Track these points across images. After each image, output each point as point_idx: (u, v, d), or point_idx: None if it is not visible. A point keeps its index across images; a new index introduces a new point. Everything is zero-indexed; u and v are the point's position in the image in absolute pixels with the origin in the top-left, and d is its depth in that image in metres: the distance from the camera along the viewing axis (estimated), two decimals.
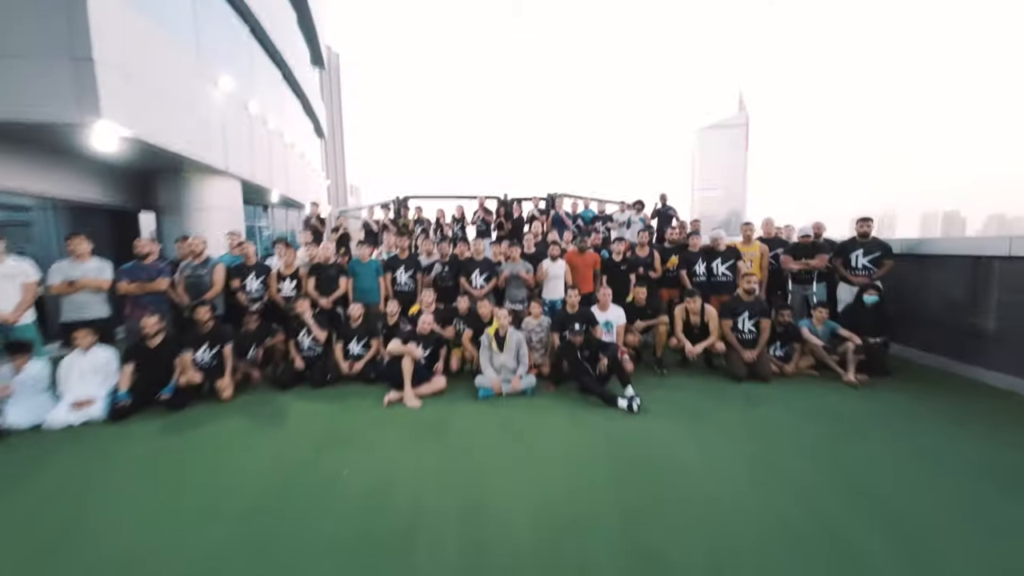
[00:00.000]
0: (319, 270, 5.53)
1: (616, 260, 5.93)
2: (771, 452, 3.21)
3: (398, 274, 5.76)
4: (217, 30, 8.69)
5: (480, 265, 5.76)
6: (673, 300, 6.07)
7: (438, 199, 9.82)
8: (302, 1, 14.99)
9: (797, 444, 3.35)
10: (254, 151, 9.91)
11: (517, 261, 5.73)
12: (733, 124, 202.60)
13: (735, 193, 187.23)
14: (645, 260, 5.98)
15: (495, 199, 9.61)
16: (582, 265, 5.92)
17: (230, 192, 9.20)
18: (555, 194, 9.28)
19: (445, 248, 5.82)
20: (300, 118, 15.99)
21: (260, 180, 10.33)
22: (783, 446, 3.31)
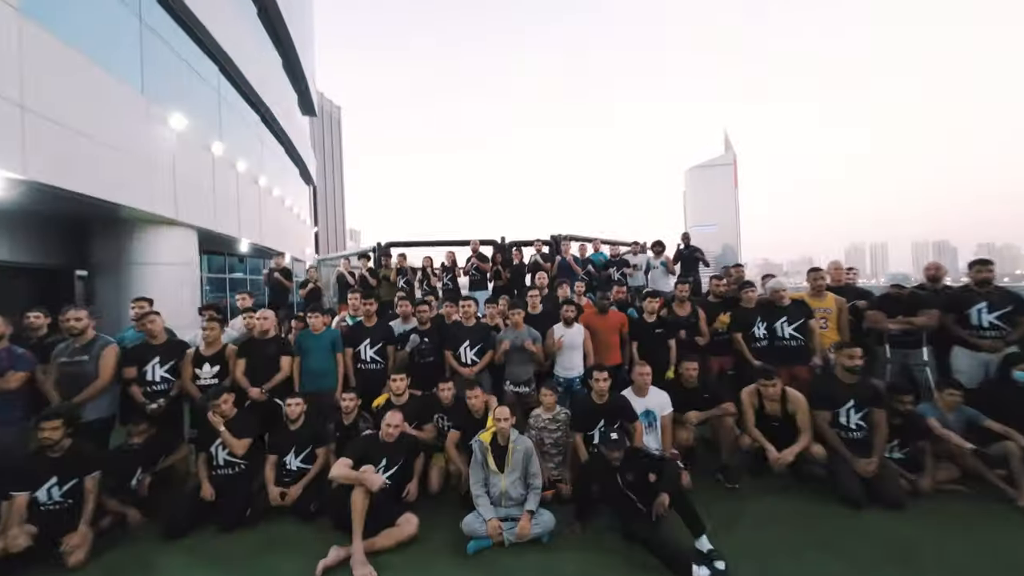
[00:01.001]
0: (252, 348, 4.10)
1: (649, 321, 4.53)
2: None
3: (362, 349, 4.33)
4: (171, 64, 7.76)
5: (471, 333, 4.36)
6: (725, 371, 4.63)
7: (425, 246, 8.57)
8: (289, 47, 14.56)
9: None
10: (217, 197, 8.75)
11: (520, 327, 4.32)
12: (721, 163, 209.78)
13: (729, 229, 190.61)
14: (687, 320, 4.60)
15: (491, 243, 8.37)
16: (605, 329, 4.52)
17: (182, 244, 7.93)
18: (560, 236, 8.05)
19: (425, 311, 4.43)
20: (283, 163, 15.15)
21: (225, 229, 9.12)
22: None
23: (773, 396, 3.54)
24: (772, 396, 3.55)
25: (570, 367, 4.33)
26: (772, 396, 3.55)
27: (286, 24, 13.41)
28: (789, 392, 3.57)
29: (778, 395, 3.54)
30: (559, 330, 4.38)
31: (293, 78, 15.89)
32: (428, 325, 4.47)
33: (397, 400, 3.82)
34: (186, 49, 8.25)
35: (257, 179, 11.07)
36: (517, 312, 4.29)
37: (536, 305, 4.80)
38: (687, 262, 7.51)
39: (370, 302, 4.39)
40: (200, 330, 4.18)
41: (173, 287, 7.63)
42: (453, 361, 4.31)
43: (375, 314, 4.52)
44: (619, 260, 7.64)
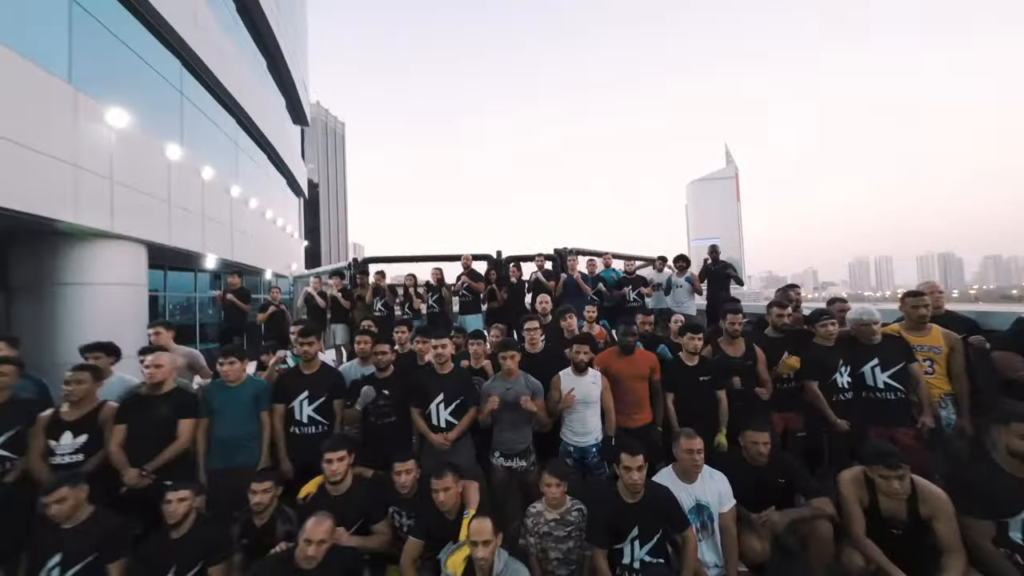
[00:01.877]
0: (138, 408, 2.92)
1: (689, 364, 3.34)
2: None
3: (297, 405, 3.15)
4: (111, 49, 6.74)
5: (446, 383, 3.17)
6: (790, 433, 3.41)
7: (409, 262, 7.45)
8: (275, 49, 13.74)
9: None
10: (174, 207, 7.68)
11: (514, 375, 3.14)
12: (723, 177, 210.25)
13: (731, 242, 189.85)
14: (741, 363, 3.40)
15: (486, 258, 7.24)
16: (630, 376, 3.32)
17: (126, 261, 6.83)
18: (566, 250, 6.91)
19: (383, 353, 3.23)
20: (266, 172, 14.18)
21: (183, 243, 8.02)
22: None
23: (897, 492, 2.32)
24: (896, 492, 2.32)
25: (583, 431, 3.13)
26: (896, 492, 2.32)
27: (271, 25, 12.61)
28: (922, 486, 2.34)
29: (906, 491, 2.32)
30: (568, 379, 3.18)
31: (280, 84, 15.07)
32: (389, 371, 3.29)
33: (334, 489, 2.62)
34: (136, 39, 7.27)
35: (229, 188, 10.05)
36: (510, 355, 3.10)
37: (536, 341, 3.61)
38: (716, 280, 6.33)
39: (309, 340, 3.20)
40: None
41: (113, 310, 6.49)
42: (421, 423, 3.12)
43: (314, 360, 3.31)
44: (635, 278, 6.48)
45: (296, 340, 3.24)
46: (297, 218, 19.37)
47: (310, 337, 3.22)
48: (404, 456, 2.63)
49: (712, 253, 6.42)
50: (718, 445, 3.14)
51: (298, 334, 3.26)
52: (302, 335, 3.23)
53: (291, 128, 18.12)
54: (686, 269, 6.34)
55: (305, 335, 3.22)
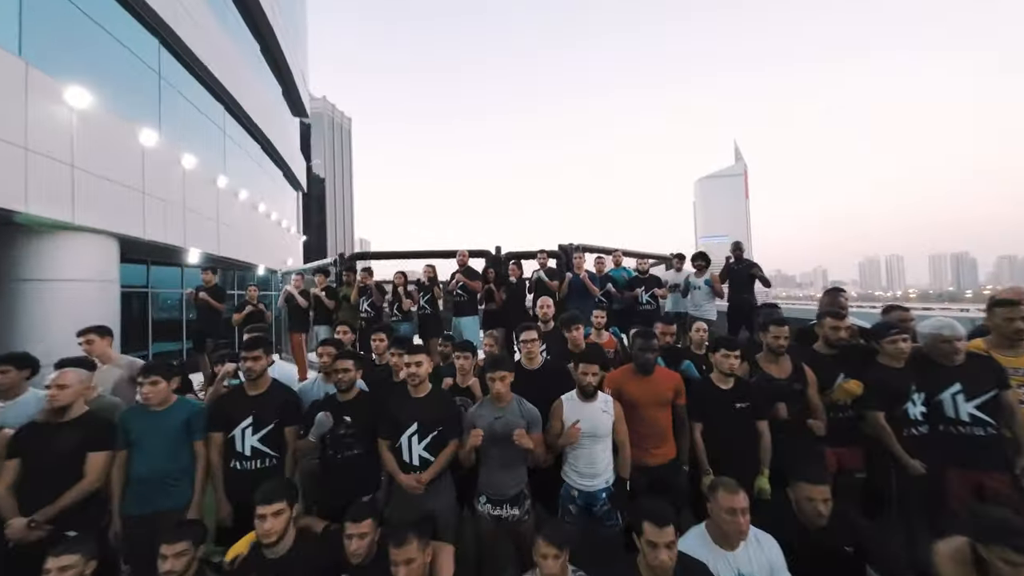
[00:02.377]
0: (38, 437, 2.35)
1: (723, 387, 2.70)
2: None
3: (238, 434, 2.56)
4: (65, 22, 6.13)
5: (421, 408, 2.56)
6: (846, 473, 2.77)
7: (401, 258, 6.85)
8: (269, 36, 13.16)
9: None
10: (149, 198, 7.14)
11: (505, 400, 2.52)
12: (732, 174, 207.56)
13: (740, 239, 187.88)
14: (787, 386, 2.76)
15: (484, 255, 6.64)
16: (649, 401, 2.69)
17: (93, 255, 6.29)
18: (572, 247, 6.28)
19: (346, 371, 2.62)
20: (259, 164, 13.62)
21: (162, 237, 7.49)
22: None
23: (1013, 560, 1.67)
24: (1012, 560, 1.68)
25: (591, 472, 2.50)
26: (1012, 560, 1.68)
27: (263, 8, 12.01)
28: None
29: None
30: (572, 405, 2.57)
31: (276, 72, 14.48)
32: (353, 392, 2.68)
33: (271, 551, 2.03)
34: (105, 13, 6.67)
35: (215, 179, 9.50)
36: (499, 377, 2.48)
37: (534, 355, 2.99)
38: (739, 281, 5.66)
39: (255, 355, 2.60)
40: None
41: (79, 308, 5.96)
42: (390, 460, 2.52)
43: (261, 385, 2.70)
44: (649, 278, 5.83)
45: (249, 353, 2.64)
46: (295, 212, 18.85)
47: (256, 350, 2.62)
48: (357, 514, 2.03)
49: (735, 251, 5.75)
50: (760, 491, 2.52)
51: (244, 347, 2.66)
52: (247, 347, 2.63)
53: (289, 119, 17.56)
54: (706, 269, 5.69)
55: (251, 347, 2.62)
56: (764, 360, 2.88)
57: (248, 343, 2.65)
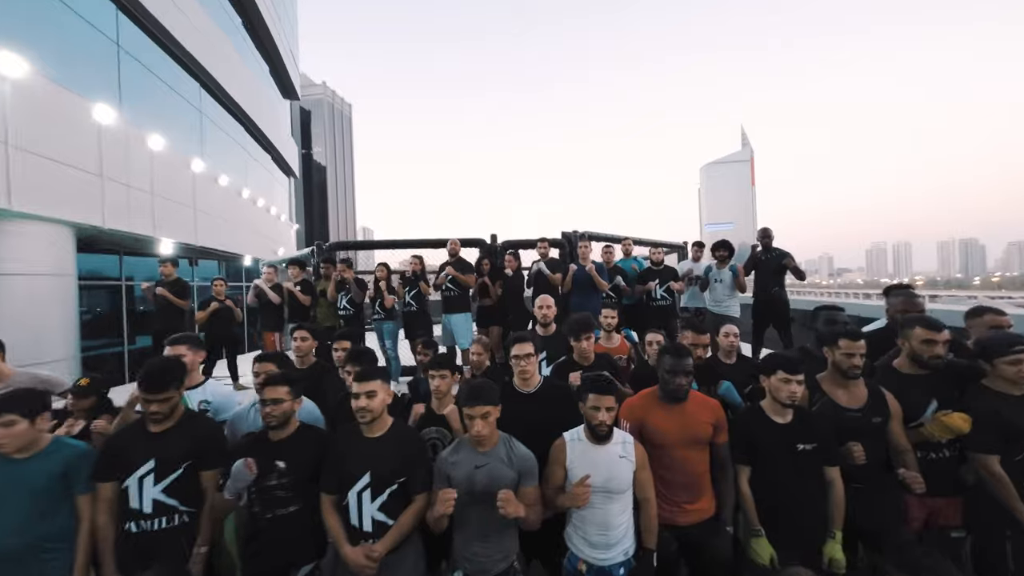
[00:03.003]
0: None
1: (778, 421, 2.03)
2: None
3: (134, 485, 1.89)
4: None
5: (374, 454, 1.89)
6: (941, 532, 2.11)
7: (385, 247, 6.18)
8: (253, 12, 12.29)
9: None
10: (108, 182, 6.46)
11: (488, 443, 1.87)
12: (738, 160, 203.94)
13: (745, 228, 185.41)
14: (864, 420, 2.08)
15: (477, 244, 5.95)
16: (680, 437, 2.02)
17: (43, 246, 5.64)
18: (576, 234, 5.58)
19: (279, 398, 1.96)
20: (243, 148, 12.82)
21: (126, 225, 6.83)
22: None
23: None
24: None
25: (605, 541, 1.85)
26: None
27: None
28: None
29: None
30: (579, 448, 1.91)
31: (262, 49, 13.58)
32: (289, 430, 2.03)
33: None
34: None
35: (190, 162, 8.78)
36: (481, 412, 1.81)
37: (528, 375, 2.32)
38: (767, 273, 4.96)
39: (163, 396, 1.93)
40: None
41: (27, 305, 5.35)
42: (334, 523, 1.87)
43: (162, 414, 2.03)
44: (663, 269, 5.14)
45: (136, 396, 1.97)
46: (287, 199, 18.11)
47: (164, 392, 1.94)
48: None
49: (763, 238, 5.02)
50: (831, 562, 1.87)
51: (141, 383, 1.98)
52: (149, 386, 1.96)
53: (278, 101, 16.70)
54: (728, 259, 4.98)
55: (156, 387, 1.94)
56: (829, 383, 2.20)
57: (154, 380, 1.95)
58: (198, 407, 2.49)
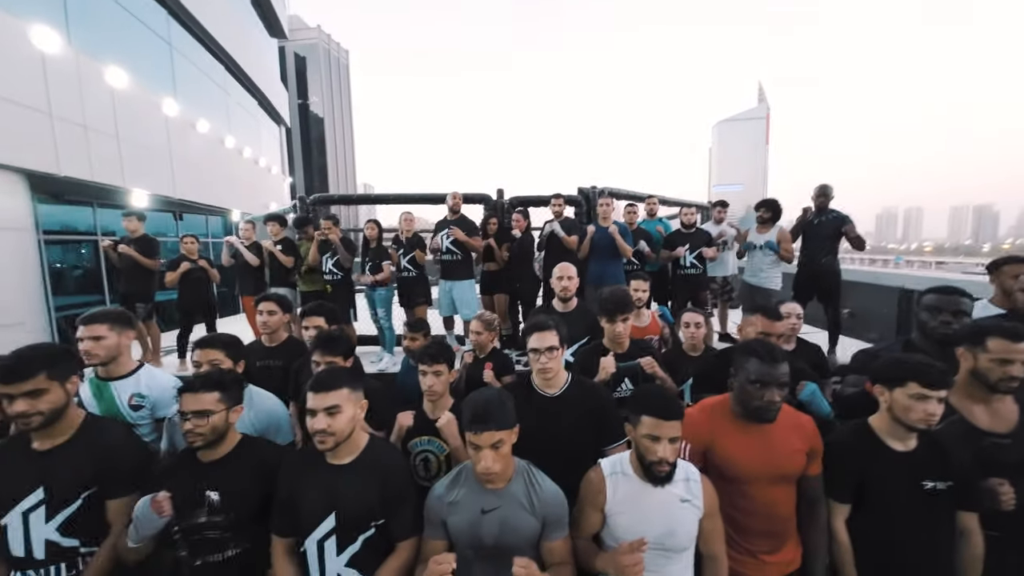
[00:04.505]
0: None
1: (897, 448, 1.47)
2: None
3: (15, 525, 1.38)
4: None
5: (341, 486, 1.36)
6: None
7: (377, 203, 5.47)
8: None
9: None
10: (58, 123, 5.65)
11: (502, 476, 1.32)
12: (753, 117, 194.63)
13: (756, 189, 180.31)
14: (1014, 447, 1.51)
15: (482, 201, 5.21)
16: (760, 471, 1.46)
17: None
18: (595, 191, 4.85)
19: (205, 412, 1.41)
20: (224, 90, 11.68)
21: (86, 173, 6.09)
22: None
23: None
24: None
25: None
26: None
27: None
28: None
29: None
30: (625, 485, 1.36)
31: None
32: (227, 447, 1.49)
33: None
34: None
35: (161, 103, 7.86)
36: (495, 439, 1.26)
37: (550, 373, 1.73)
38: (818, 240, 4.24)
39: (33, 386, 1.37)
40: None
41: None
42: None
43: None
44: (695, 232, 4.47)
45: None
46: (278, 150, 16.99)
47: (34, 376, 1.39)
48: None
49: (819, 197, 4.25)
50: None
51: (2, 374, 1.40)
52: (6, 375, 1.38)
53: (264, 39, 15.20)
54: (772, 222, 4.28)
55: (19, 375, 1.38)
56: (962, 396, 1.62)
57: (7, 367, 1.38)
58: (129, 402, 1.94)
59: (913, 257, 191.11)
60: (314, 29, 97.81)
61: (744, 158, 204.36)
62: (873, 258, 62.86)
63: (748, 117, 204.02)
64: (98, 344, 1.82)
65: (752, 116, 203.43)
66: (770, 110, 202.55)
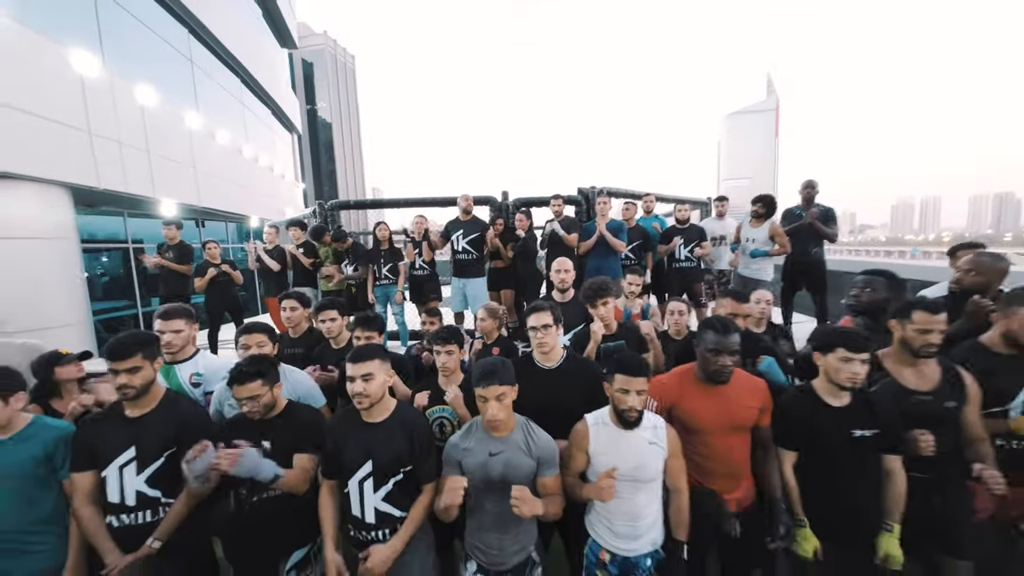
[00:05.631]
0: None
1: (833, 403, 1.77)
2: None
3: (113, 477, 1.73)
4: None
5: (375, 439, 1.69)
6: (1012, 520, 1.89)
7: (390, 207, 5.84)
8: None
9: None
10: (97, 140, 6.14)
11: (505, 426, 1.65)
12: (762, 109, 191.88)
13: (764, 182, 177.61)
14: (934, 403, 1.79)
15: (487, 202, 5.54)
16: (717, 424, 1.77)
17: (38, 208, 5.44)
18: (594, 191, 5.15)
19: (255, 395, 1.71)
20: (240, 101, 12.22)
21: (122, 185, 6.58)
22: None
23: None
24: None
25: (631, 532, 1.67)
26: None
27: None
28: None
29: None
30: (604, 433, 1.70)
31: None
32: (277, 410, 1.84)
33: None
34: None
35: (184, 117, 8.35)
36: (497, 393, 1.59)
37: (548, 347, 2.06)
38: (804, 235, 4.51)
39: (130, 364, 1.74)
40: None
41: (28, 268, 5.24)
42: (327, 515, 1.71)
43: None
44: (689, 228, 4.74)
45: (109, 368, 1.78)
46: (291, 157, 17.56)
47: (130, 358, 1.75)
48: None
49: (806, 189, 4.51)
50: (886, 558, 1.67)
51: (109, 354, 1.77)
52: (114, 356, 1.74)
53: (275, 50, 15.77)
54: (766, 218, 4.54)
55: (120, 356, 1.74)
56: (894, 361, 1.91)
57: (113, 348, 1.75)
58: (190, 380, 2.32)
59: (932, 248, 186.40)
60: (320, 35, 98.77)
61: (753, 151, 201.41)
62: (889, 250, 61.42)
63: (757, 110, 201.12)
64: (177, 336, 2.18)
65: (761, 108, 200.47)
66: (780, 102, 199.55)
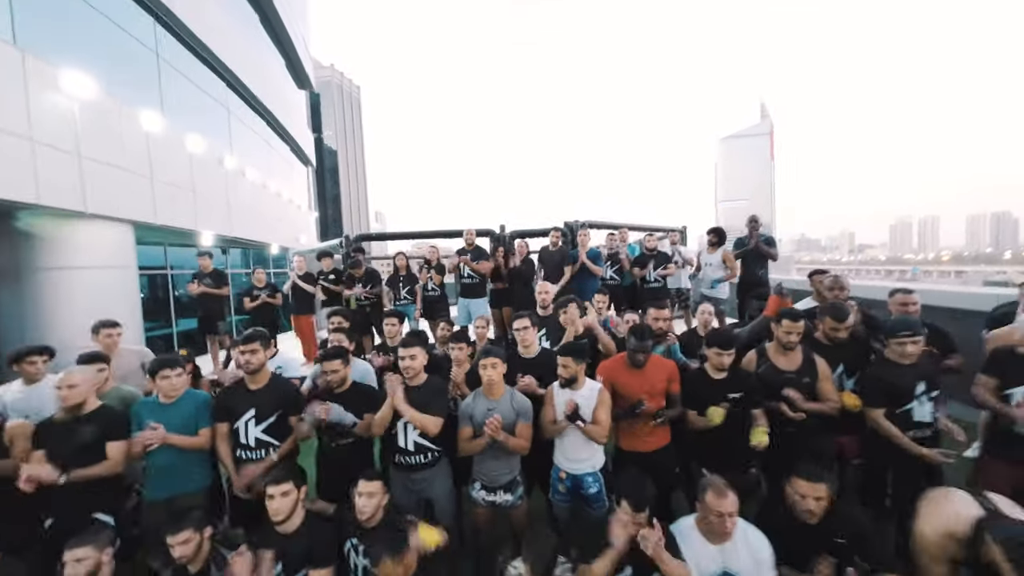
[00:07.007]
0: (55, 434, 2.50)
1: (715, 377, 2.68)
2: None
3: (242, 426, 2.66)
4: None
5: (415, 402, 2.60)
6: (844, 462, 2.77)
7: (408, 239, 6.85)
8: (268, 6, 12.76)
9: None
10: (158, 182, 7.22)
11: (498, 392, 2.56)
12: (757, 133, 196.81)
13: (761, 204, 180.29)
14: (795, 379, 2.69)
15: (488, 234, 6.57)
16: (639, 391, 2.66)
17: (110, 241, 6.46)
18: (577, 223, 6.16)
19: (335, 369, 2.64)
20: (265, 141, 13.53)
21: (173, 221, 7.63)
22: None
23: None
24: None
25: (577, 456, 2.57)
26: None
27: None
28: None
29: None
30: (561, 394, 2.60)
31: (277, 42, 14.08)
32: (345, 387, 2.75)
33: (282, 528, 2.18)
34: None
35: (222, 159, 9.52)
36: (491, 363, 2.51)
37: (529, 342, 3.01)
38: (752, 258, 5.48)
39: (251, 348, 2.67)
40: None
41: (97, 295, 6.21)
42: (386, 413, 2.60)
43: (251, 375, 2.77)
44: (657, 254, 5.71)
45: (239, 348, 2.72)
46: (306, 188, 18.88)
47: (253, 343, 2.69)
48: (369, 476, 2.25)
49: (752, 223, 5.53)
50: (759, 444, 2.50)
51: (241, 340, 2.73)
52: (244, 342, 2.70)
53: (293, 91, 17.26)
54: (718, 246, 5.52)
55: (247, 341, 2.69)
56: (773, 351, 2.82)
57: (245, 337, 2.71)
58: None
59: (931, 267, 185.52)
60: (328, 68, 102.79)
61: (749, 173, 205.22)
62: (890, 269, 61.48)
63: (751, 134, 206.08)
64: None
65: (755, 133, 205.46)
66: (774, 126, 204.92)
